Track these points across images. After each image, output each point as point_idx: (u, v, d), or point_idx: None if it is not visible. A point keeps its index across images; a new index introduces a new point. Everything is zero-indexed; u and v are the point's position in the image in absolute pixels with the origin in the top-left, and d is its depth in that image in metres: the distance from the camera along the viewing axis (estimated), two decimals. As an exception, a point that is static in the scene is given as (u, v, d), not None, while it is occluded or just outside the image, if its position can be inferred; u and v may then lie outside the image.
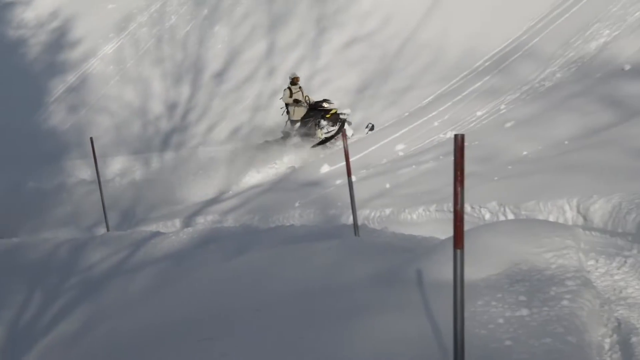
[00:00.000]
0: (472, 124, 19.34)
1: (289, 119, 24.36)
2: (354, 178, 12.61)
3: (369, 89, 22.36)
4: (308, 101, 23.63)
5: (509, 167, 14.37)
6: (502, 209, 12.41)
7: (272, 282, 8.36)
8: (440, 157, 16.99)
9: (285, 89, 23.31)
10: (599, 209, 10.98)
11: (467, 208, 12.51)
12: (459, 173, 5.05)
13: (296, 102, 23.42)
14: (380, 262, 8.23)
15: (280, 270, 8.85)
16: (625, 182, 11.20)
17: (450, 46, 22.11)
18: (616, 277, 8.92)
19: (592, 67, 18.59)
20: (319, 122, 23.15)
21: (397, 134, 21.01)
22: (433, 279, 7.28)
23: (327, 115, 22.88)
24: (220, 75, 28.64)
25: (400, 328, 6.24)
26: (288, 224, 15.41)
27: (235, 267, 9.90)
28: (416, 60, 22.79)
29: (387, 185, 16.61)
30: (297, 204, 17.94)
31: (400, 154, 19.78)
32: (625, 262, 9.43)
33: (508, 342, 6.08)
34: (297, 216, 17.11)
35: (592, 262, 9.34)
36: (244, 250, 11.01)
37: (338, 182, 18.20)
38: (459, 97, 22.11)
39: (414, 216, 13.89)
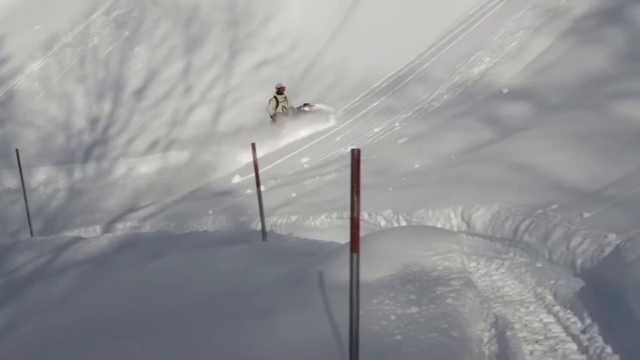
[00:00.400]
0: (370, 140, 19.46)
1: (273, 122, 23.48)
2: (263, 188, 12.58)
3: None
4: (292, 112, 22.79)
5: (402, 178, 14.49)
6: (395, 217, 12.49)
7: (187, 284, 8.29)
8: (342, 169, 17.05)
9: (271, 99, 22.32)
10: (481, 217, 11.14)
11: (365, 215, 12.57)
12: (355, 184, 5.04)
13: (273, 117, 22.69)
14: (286, 265, 8.23)
15: (194, 273, 8.78)
16: (504, 193, 11.38)
17: (351, 69, 22.20)
18: (495, 278, 9.06)
19: (475, 90, 18.85)
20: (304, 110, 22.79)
21: (302, 148, 21.05)
22: (333, 280, 7.29)
23: (306, 109, 22.21)
24: (139, 93, 28.37)
25: (303, 326, 6.22)
26: (202, 230, 15.32)
27: (153, 270, 9.77)
28: (321, 81, 22.85)
29: (293, 195, 16.63)
30: (210, 212, 17.83)
31: (306, 166, 19.82)
32: (503, 264, 9.58)
33: (399, 337, 6.10)
34: (210, 223, 17.02)
35: (474, 264, 9.47)
36: (160, 255, 10.89)
37: (248, 191, 18.16)
38: (359, 114, 22.25)
39: (317, 223, 13.92)
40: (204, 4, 26.54)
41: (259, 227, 11.72)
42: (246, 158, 20.57)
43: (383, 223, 12.54)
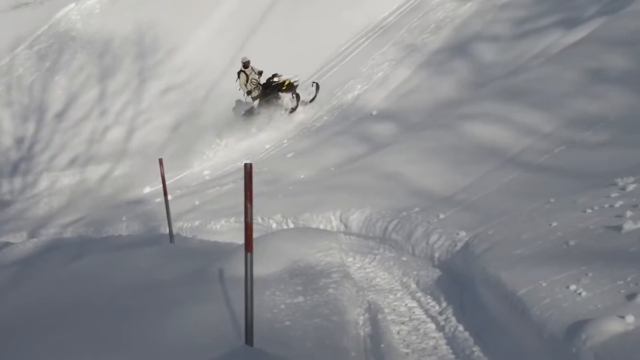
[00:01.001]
0: (262, 154, 19.48)
1: (246, 96, 21.68)
2: (170, 197, 12.53)
3: (181, 127, 22.06)
4: (258, 82, 20.96)
5: (290, 187, 14.55)
6: (285, 220, 12.55)
7: (105, 281, 8.17)
8: (238, 180, 16.99)
9: (239, 72, 20.43)
10: (356, 219, 11.29)
11: (258, 219, 12.59)
12: (248, 193, 5.10)
13: (249, 92, 20.99)
14: (191, 263, 8.20)
15: (111, 271, 8.67)
16: (374, 198, 11.55)
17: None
18: (368, 270, 9.18)
19: (350, 112, 19.04)
20: (278, 95, 20.97)
21: (205, 162, 20.86)
22: (231, 275, 7.30)
23: (283, 88, 20.72)
24: (60, 115, 27.62)
25: (206, 314, 6.23)
26: (117, 235, 15.07)
27: (74, 270, 9.60)
28: (218, 105, 22.62)
29: (197, 202, 16.51)
30: (124, 218, 17.57)
31: (207, 177, 19.68)
32: (375, 258, 9.73)
33: (288, 323, 6.17)
34: (124, 228, 16.77)
35: (350, 259, 9.58)
36: (81, 256, 10.70)
37: (158, 200, 17.91)
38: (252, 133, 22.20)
39: (218, 226, 13.88)
40: (116, 38, 26.04)
41: (166, 230, 11.63)
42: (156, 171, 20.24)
43: (274, 225, 12.57)
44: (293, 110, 20.96)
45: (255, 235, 5.55)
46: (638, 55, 12.26)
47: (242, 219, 7.80)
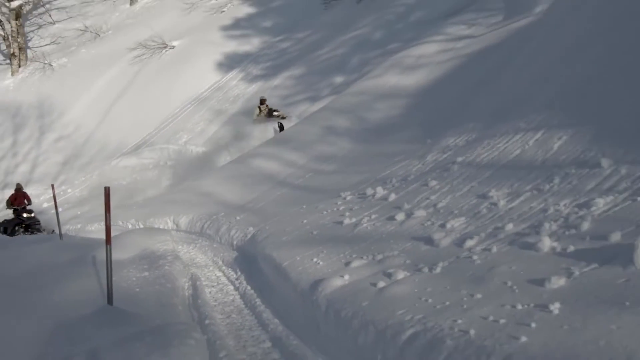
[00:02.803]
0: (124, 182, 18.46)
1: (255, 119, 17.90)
2: (60, 209, 11.71)
3: (69, 164, 20.35)
4: (266, 114, 17.42)
5: (141, 201, 14.01)
6: (138, 223, 12.08)
7: (13, 267, 7.38)
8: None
9: (256, 107, 17.21)
10: (183, 221, 11.14)
11: (119, 222, 12.01)
12: (107, 206, 5.00)
13: (257, 118, 17.60)
14: (74, 252, 7.64)
15: (17, 260, 7.86)
16: (195, 208, 11.43)
17: (110, 140, 20.75)
18: (192, 254, 8.98)
19: (179, 153, 18.44)
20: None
21: (81, 184, 19.39)
22: (101, 259, 6.81)
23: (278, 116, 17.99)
24: None
25: (83, 286, 5.83)
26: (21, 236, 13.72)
27: None
28: (94, 147, 21.10)
29: (79, 212, 15.44)
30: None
31: (85, 194, 18.31)
32: (196, 246, 9.57)
33: (137, 289, 5.94)
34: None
35: (180, 246, 9.33)
36: None
37: (52, 211, 16.44)
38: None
39: (93, 228, 13.09)
40: (24, 105, 23.19)
41: (57, 231, 10.84)
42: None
43: (130, 226, 12.05)
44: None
45: (116, 232, 5.38)
46: (353, 119, 12.89)
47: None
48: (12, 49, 20.64)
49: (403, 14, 13.56)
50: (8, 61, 20.85)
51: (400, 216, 6.11)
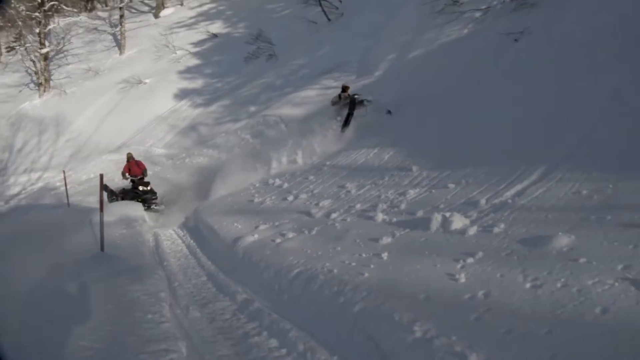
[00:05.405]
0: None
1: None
2: (69, 187, 10.73)
3: (74, 156, 17.24)
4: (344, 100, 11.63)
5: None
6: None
7: (38, 223, 6.60)
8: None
9: (337, 95, 9.94)
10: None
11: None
12: (101, 186, 4.91)
13: (334, 103, 11.46)
14: (78, 215, 7.03)
15: (41, 217, 7.02)
16: (157, 188, 10.17)
17: (102, 142, 18.02)
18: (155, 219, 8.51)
19: (148, 154, 16.10)
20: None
21: (82, 170, 17.09)
22: (96, 221, 5.76)
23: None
24: (19, 151, 20.61)
25: (83, 238, 5.61)
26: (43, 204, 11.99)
27: (25, 219, 7.88)
28: (91, 146, 18.16)
29: (81, 189, 12.93)
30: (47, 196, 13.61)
31: (93, 176, 15.63)
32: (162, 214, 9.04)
33: (119, 241, 5.91)
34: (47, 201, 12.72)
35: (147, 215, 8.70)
36: (27, 212, 8.70)
37: (62, 188, 13.56)
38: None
39: (91, 199, 11.06)
40: (46, 117, 19.10)
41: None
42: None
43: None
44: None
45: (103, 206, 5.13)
46: (259, 135, 11.42)
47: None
48: (40, 80, 21.02)
49: (295, 70, 13.78)
50: (37, 88, 21.03)
51: (290, 198, 6.00)
